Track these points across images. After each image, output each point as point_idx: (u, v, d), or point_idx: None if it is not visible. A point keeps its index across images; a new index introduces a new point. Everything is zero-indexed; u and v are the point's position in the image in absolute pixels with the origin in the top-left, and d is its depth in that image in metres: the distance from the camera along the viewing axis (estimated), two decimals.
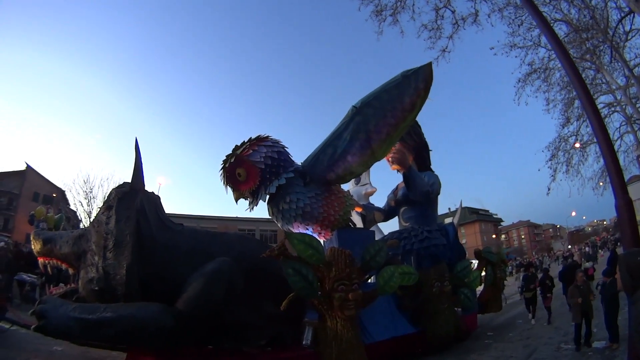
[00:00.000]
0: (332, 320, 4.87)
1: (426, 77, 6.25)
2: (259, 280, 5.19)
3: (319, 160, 6.61)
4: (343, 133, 6.43)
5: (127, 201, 5.23)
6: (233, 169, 6.57)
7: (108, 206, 5.37)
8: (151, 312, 4.49)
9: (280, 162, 6.64)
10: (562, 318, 8.97)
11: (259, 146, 6.57)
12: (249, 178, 6.57)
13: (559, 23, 15.35)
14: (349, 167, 6.53)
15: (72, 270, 5.81)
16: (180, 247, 5.22)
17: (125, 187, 5.47)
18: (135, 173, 5.38)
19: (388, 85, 6.33)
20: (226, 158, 6.61)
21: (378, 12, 12.89)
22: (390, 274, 5.35)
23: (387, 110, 6.27)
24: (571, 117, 18.74)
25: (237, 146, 6.61)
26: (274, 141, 6.80)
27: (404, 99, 6.23)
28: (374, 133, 6.32)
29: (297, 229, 6.59)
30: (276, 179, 6.50)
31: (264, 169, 6.48)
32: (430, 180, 8.75)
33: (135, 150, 5.35)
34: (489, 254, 9.49)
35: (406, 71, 6.29)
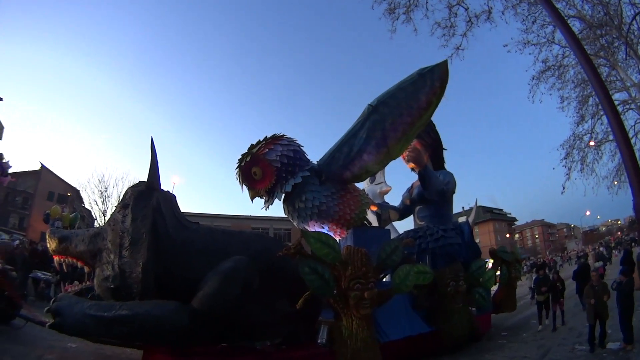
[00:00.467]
0: (347, 319, 4.86)
1: (442, 75, 6.23)
2: (275, 278, 5.19)
3: (334, 158, 6.59)
4: (359, 131, 6.42)
5: (143, 200, 5.27)
6: (249, 168, 6.57)
7: (124, 205, 5.42)
8: (167, 310, 4.50)
9: (296, 160, 6.63)
10: (577, 318, 8.90)
11: (274, 145, 6.56)
12: (264, 177, 6.57)
13: (573, 19, 15.14)
14: (365, 166, 6.52)
15: (87, 269, 5.88)
16: (196, 245, 5.24)
17: (141, 186, 5.52)
18: (151, 172, 5.42)
19: (404, 84, 6.30)
20: (242, 157, 6.62)
21: (391, 10, 12.82)
22: (405, 273, 5.33)
23: (403, 109, 6.25)
24: (586, 115, 18.47)
25: (252, 145, 6.62)
26: (289, 140, 6.79)
27: (420, 97, 6.20)
28: (390, 131, 6.29)
29: (313, 227, 6.58)
30: (292, 178, 6.49)
31: (279, 168, 6.47)
32: (446, 179, 8.71)
33: (151, 149, 5.39)
34: (504, 253, 9.40)
35: (422, 69, 6.27)
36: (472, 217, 12.73)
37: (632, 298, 6.42)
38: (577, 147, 18.34)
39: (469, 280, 7.49)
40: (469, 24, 12.64)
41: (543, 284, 9.02)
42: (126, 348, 5.95)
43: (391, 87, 6.41)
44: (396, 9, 12.73)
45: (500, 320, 10.25)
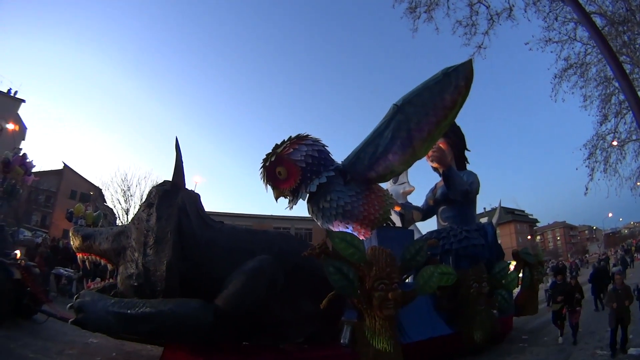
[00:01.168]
0: (370, 319, 4.83)
1: (467, 75, 6.19)
2: (299, 278, 5.21)
3: (359, 158, 6.58)
4: (384, 131, 6.39)
5: (168, 199, 5.32)
6: (273, 168, 6.60)
7: (149, 204, 5.47)
8: (191, 307, 4.53)
9: (321, 160, 6.64)
10: (598, 323, 8.85)
11: (299, 145, 6.58)
12: (289, 176, 6.59)
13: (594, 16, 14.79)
14: (390, 166, 6.51)
15: (110, 266, 5.95)
16: (221, 244, 5.28)
17: (166, 185, 5.57)
18: (176, 171, 5.48)
19: (429, 83, 6.28)
20: (266, 157, 6.64)
21: (412, 9, 12.69)
22: (429, 274, 5.28)
23: (429, 108, 6.22)
24: (609, 114, 18.03)
25: (277, 145, 6.64)
26: (314, 140, 6.80)
27: (445, 96, 6.17)
28: (415, 131, 6.27)
29: (337, 227, 6.58)
30: (317, 178, 6.50)
31: (304, 168, 6.49)
32: (470, 180, 8.63)
33: (176, 149, 5.44)
34: (527, 255, 9.27)
35: (447, 68, 6.23)
36: (495, 218, 12.52)
37: None
38: (600, 147, 17.95)
39: (492, 282, 7.42)
40: (491, 22, 12.46)
41: (560, 292, 8.21)
42: (147, 344, 6.03)
43: (416, 87, 6.38)
44: (417, 8, 12.62)
45: (521, 323, 10.12)
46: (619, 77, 4.98)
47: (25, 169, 13.36)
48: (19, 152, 14.80)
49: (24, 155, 13.69)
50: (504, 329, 8.15)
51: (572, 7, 5.59)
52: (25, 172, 13.32)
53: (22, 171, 13.11)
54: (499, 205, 14.50)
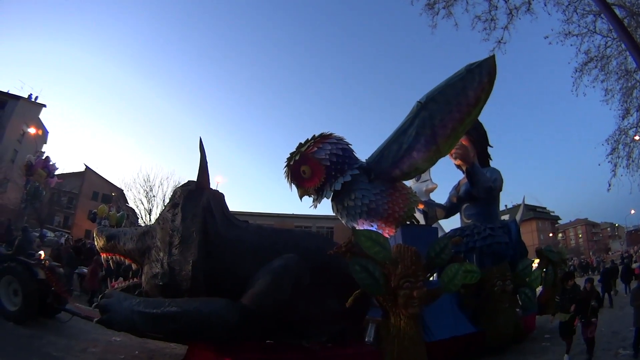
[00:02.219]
0: (395, 317, 4.82)
1: (490, 70, 6.14)
2: (324, 276, 5.22)
3: (383, 156, 6.58)
4: (408, 129, 6.38)
5: (193, 199, 5.37)
6: (298, 167, 6.64)
7: (174, 204, 5.54)
8: (217, 306, 4.57)
9: (345, 159, 6.64)
10: (621, 322, 8.65)
11: (323, 143, 6.59)
12: (313, 175, 6.61)
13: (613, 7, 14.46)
14: (415, 163, 6.48)
15: (135, 266, 6.04)
16: (246, 243, 5.31)
17: (190, 185, 5.63)
18: (201, 172, 5.53)
19: (452, 80, 6.24)
20: (290, 156, 6.69)
21: (431, 5, 12.55)
22: (454, 272, 5.23)
23: (452, 105, 6.18)
24: (630, 108, 17.61)
25: (301, 144, 6.68)
26: (337, 138, 6.81)
27: (468, 93, 6.12)
28: (439, 128, 6.24)
29: (362, 225, 6.57)
30: (341, 176, 6.50)
31: (329, 166, 6.50)
32: (493, 176, 8.54)
33: (200, 149, 5.49)
34: (551, 252, 9.18)
35: (470, 64, 6.19)
36: (519, 215, 12.37)
37: None
38: (623, 142, 17.55)
39: (516, 280, 7.35)
40: (510, 17, 12.25)
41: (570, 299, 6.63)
42: (170, 343, 6.08)
43: (439, 84, 6.36)
44: (436, 4, 12.48)
45: (544, 322, 10.00)
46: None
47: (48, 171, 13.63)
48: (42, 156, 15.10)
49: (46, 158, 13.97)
50: (527, 327, 8.06)
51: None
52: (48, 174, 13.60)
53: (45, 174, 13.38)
54: (522, 202, 14.32)
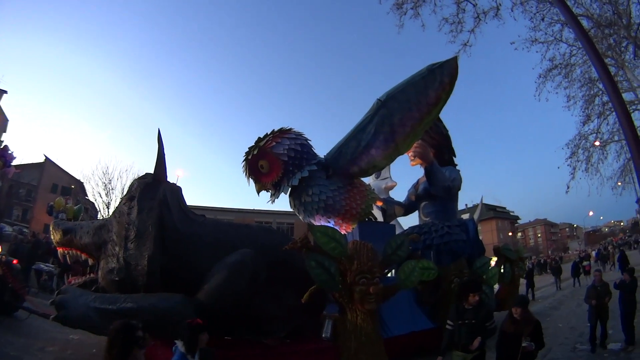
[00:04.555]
0: (352, 313, 4.84)
1: (451, 71, 6.21)
2: (281, 272, 5.18)
3: (342, 153, 6.58)
4: (367, 126, 6.40)
5: (150, 192, 5.25)
6: (256, 161, 6.59)
7: (130, 197, 5.39)
8: (173, 302, 4.49)
9: (303, 154, 6.63)
10: (578, 319, 8.92)
11: (282, 138, 6.56)
12: (271, 170, 6.58)
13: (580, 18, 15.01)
14: (373, 161, 6.51)
15: (91, 261, 5.87)
16: (203, 238, 5.22)
17: (147, 178, 5.49)
18: (158, 164, 5.40)
19: (413, 79, 6.29)
20: (249, 150, 6.63)
21: (399, 5, 12.68)
22: (411, 269, 5.28)
23: (413, 104, 6.23)
24: (592, 115, 18.36)
25: (260, 138, 6.62)
26: (297, 134, 6.79)
27: (429, 92, 6.18)
28: (398, 126, 6.28)
29: (319, 221, 6.58)
30: (299, 172, 6.49)
31: (286, 162, 6.48)
32: (452, 176, 8.67)
33: (158, 141, 5.36)
34: (508, 251, 9.41)
35: (432, 65, 6.25)
36: (477, 214, 12.70)
37: (634, 298, 6.41)
38: (583, 147, 18.27)
39: (473, 277, 7.35)
40: (477, 21, 12.52)
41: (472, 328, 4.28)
42: None
43: (400, 82, 6.39)
44: (404, 4, 12.61)
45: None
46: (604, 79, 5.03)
47: (5, 160, 13.02)
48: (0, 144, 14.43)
49: (4, 147, 13.34)
50: None
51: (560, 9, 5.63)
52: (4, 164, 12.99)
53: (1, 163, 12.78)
54: (480, 201, 14.73)
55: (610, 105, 11.38)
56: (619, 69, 17.09)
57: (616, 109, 4.89)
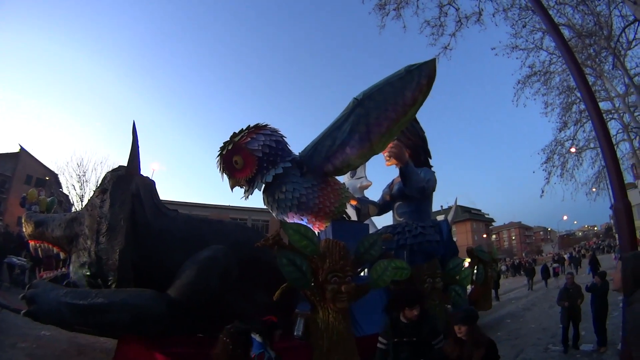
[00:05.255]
0: (324, 312, 4.84)
1: (429, 73, 6.23)
2: (253, 269, 5.19)
3: (316, 151, 6.57)
4: (343, 125, 6.40)
5: (122, 185, 5.18)
6: (230, 157, 6.51)
7: (103, 189, 5.32)
8: (144, 298, 4.45)
9: (278, 151, 6.59)
10: (551, 320, 9.13)
11: (257, 134, 6.51)
12: (245, 166, 6.51)
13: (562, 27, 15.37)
14: (347, 159, 6.51)
15: (63, 255, 5.77)
16: (175, 233, 5.19)
17: (120, 170, 5.41)
18: (132, 157, 5.32)
19: (391, 79, 6.30)
20: (223, 145, 6.55)
21: (381, 5, 12.81)
22: (383, 268, 5.33)
23: (389, 104, 6.24)
24: (568, 122, 18.92)
25: (235, 133, 6.56)
26: (272, 130, 6.75)
27: (406, 93, 6.20)
28: (374, 126, 6.29)
29: (292, 219, 6.56)
30: (273, 168, 6.45)
31: (261, 157, 6.43)
32: (427, 177, 8.67)
33: (133, 133, 5.28)
34: (481, 252, 9.53)
35: (410, 66, 6.26)
36: (451, 215, 12.92)
37: (606, 301, 6.56)
38: (558, 153, 18.79)
39: (446, 277, 7.55)
40: (459, 24, 12.72)
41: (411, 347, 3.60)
42: (100, 337, 5.88)
43: (378, 82, 6.39)
44: (387, 5, 12.75)
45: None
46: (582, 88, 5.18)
47: None
48: None
49: None
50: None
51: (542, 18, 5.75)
52: None
53: None
54: (454, 203, 15.00)
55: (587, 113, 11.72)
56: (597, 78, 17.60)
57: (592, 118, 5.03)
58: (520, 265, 32.64)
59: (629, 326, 2.23)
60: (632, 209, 4.63)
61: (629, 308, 2.22)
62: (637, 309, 2.13)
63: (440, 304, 7.23)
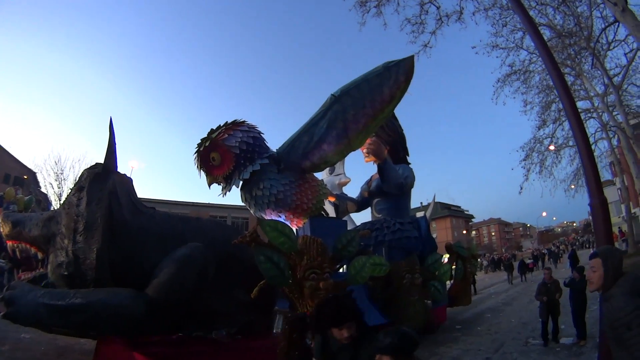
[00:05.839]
0: (302, 309, 4.84)
1: (407, 70, 6.29)
2: (232, 267, 5.14)
3: (294, 147, 6.58)
4: (320, 121, 6.41)
5: (99, 182, 5.06)
6: (207, 153, 6.48)
7: (79, 187, 5.21)
8: (122, 298, 4.38)
9: (255, 147, 6.58)
10: (530, 314, 9.21)
11: (234, 131, 6.48)
12: (223, 163, 6.49)
13: (543, 28, 15.63)
14: (325, 156, 6.53)
15: (41, 255, 5.67)
16: (152, 231, 5.10)
17: (97, 167, 5.29)
18: (109, 154, 5.22)
19: (369, 76, 6.33)
20: (201, 142, 6.51)
21: (363, 2, 12.82)
22: (361, 265, 5.35)
23: (366, 101, 6.27)
24: (547, 120, 19.30)
25: (212, 130, 6.52)
26: (250, 126, 6.72)
27: (383, 90, 6.24)
28: (351, 122, 6.31)
29: (270, 215, 6.56)
30: (250, 165, 6.44)
31: (238, 154, 6.41)
32: (405, 173, 8.77)
33: (110, 130, 5.19)
34: (460, 248, 9.69)
35: (388, 62, 6.31)
36: (429, 211, 13.03)
37: (584, 295, 6.66)
38: (537, 150, 19.15)
39: (425, 273, 7.63)
40: (439, 23, 12.78)
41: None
42: (80, 338, 5.80)
43: (356, 78, 6.41)
44: (368, 2, 12.78)
45: (455, 314, 10.53)
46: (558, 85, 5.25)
47: None
48: None
49: None
50: (437, 319, 8.40)
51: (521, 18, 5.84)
52: None
53: None
54: (433, 199, 15.11)
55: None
56: (576, 77, 17.97)
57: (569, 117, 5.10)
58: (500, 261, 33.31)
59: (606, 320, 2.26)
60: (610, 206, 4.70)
61: (607, 303, 2.26)
62: (614, 303, 2.17)
63: (420, 299, 7.33)
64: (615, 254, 2.41)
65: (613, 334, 2.17)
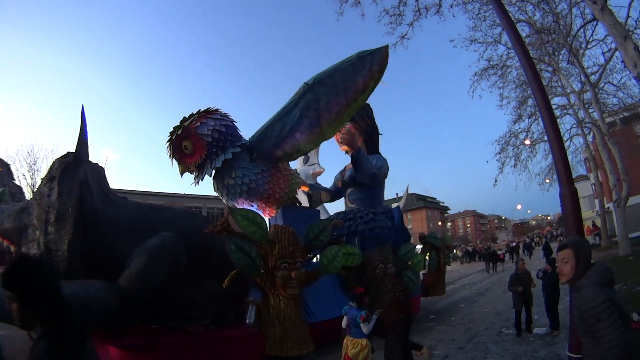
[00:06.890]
0: (275, 298, 4.90)
1: (381, 60, 6.31)
2: (204, 257, 5.13)
3: (266, 136, 6.55)
4: (293, 110, 6.39)
5: (70, 172, 4.98)
6: (180, 142, 6.44)
7: (50, 177, 5.11)
8: (94, 290, 4.31)
9: (228, 136, 6.54)
10: (504, 304, 9.28)
11: (207, 119, 6.44)
12: (195, 151, 6.45)
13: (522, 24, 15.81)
14: (297, 145, 6.52)
15: (13, 247, 5.57)
16: (124, 221, 5.04)
17: (68, 157, 5.19)
18: (80, 143, 5.13)
19: (342, 64, 6.32)
20: (173, 130, 6.46)
21: None
22: (334, 254, 5.40)
23: (339, 90, 6.27)
24: (523, 115, 19.59)
25: (185, 118, 6.47)
26: (222, 114, 6.69)
27: (356, 79, 6.24)
28: (324, 111, 6.31)
29: (242, 204, 6.53)
30: (222, 153, 6.41)
31: (210, 142, 6.37)
32: (378, 164, 8.77)
33: (81, 118, 5.09)
34: (434, 239, 9.75)
35: (362, 52, 6.30)
36: (403, 202, 13.14)
37: (557, 287, 6.78)
38: (512, 144, 19.48)
39: (398, 263, 7.69)
40: (417, 14, 12.71)
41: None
42: None
43: (329, 67, 6.40)
44: None
45: (429, 304, 10.70)
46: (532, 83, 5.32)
47: None
48: None
49: None
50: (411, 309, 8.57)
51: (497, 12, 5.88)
52: None
53: None
54: (406, 190, 15.28)
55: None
56: (554, 74, 18.29)
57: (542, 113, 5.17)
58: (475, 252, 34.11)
59: (575, 312, 2.28)
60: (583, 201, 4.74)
61: (576, 294, 2.28)
62: (584, 294, 2.19)
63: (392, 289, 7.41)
64: (585, 244, 2.45)
65: (582, 325, 2.18)
